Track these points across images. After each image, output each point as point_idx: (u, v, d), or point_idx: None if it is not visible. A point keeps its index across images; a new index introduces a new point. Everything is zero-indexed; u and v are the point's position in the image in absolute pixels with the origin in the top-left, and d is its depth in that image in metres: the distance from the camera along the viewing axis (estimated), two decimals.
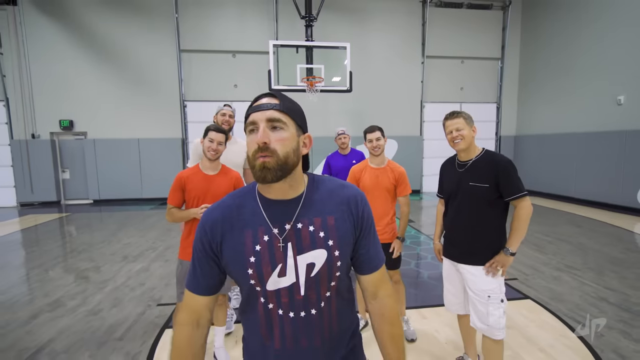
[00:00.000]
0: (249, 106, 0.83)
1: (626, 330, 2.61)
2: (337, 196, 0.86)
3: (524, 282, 3.55)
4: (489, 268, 1.82)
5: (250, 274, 0.80)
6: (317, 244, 0.82)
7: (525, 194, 1.82)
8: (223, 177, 2.11)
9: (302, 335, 0.83)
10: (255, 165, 0.78)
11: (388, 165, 2.46)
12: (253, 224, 0.82)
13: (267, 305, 0.82)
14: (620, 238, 5.19)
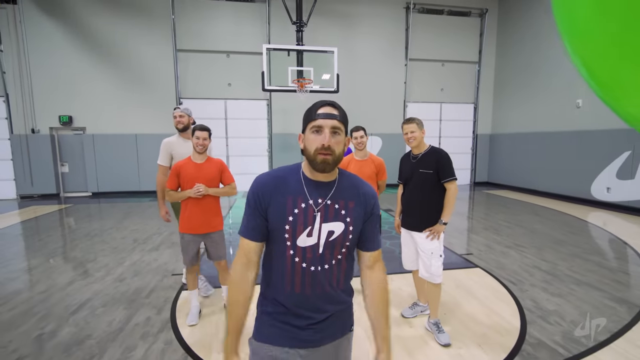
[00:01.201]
0: (312, 110, 1.05)
1: (545, 287, 3.36)
2: (358, 188, 1.12)
3: (477, 256, 4.29)
4: (429, 234, 2.50)
5: (287, 229, 1.03)
6: (338, 218, 1.06)
7: (454, 178, 2.49)
8: (209, 164, 2.71)
9: (317, 283, 1.06)
10: (317, 159, 1.01)
11: (370, 158, 3.12)
12: (295, 193, 1.05)
13: (294, 258, 1.05)
14: (569, 224, 6.01)
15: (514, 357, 2.29)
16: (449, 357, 2.29)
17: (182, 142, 3.10)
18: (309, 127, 1.04)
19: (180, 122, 3.07)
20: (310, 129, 1.03)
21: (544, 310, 2.92)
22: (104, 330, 2.62)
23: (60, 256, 4.39)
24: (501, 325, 2.68)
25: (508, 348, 2.38)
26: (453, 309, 2.93)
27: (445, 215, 2.49)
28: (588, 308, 2.94)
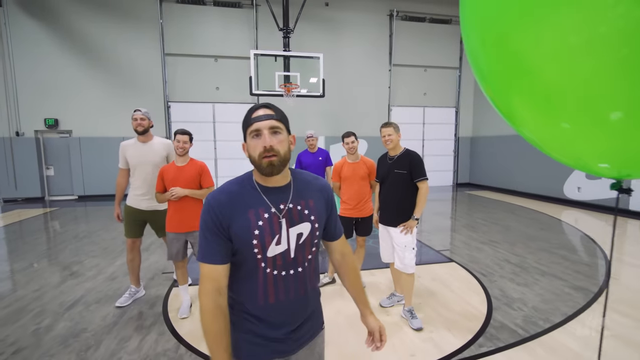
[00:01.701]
0: (248, 116, 1.02)
1: (513, 278, 3.64)
2: (313, 185, 1.13)
3: (454, 251, 4.57)
4: (403, 228, 2.73)
5: (255, 244, 0.99)
6: (303, 219, 1.05)
7: (425, 178, 2.74)
8: (191, 166, 2.86)
9: (291, 288, 1.05)
10: (263, 163, 0.98)
11: (361, 160, 3.34)
12: (255, 204, 1.01)
13: (266, 269, 1.02)
14: (541, 221, 6.39)
15: (479, 338, 2.54)
16: (420, 340, 2.53)
17: (138, 145, 3.03)
18: (248, 133, 1.00)
19: (140, 124, 2.98)
20: (250, 135, 1.00)
21: (509, 298, 3.19)
22: (99, 324, 2.76)
23: (50, 257, 4.46)
24: (470, 311, 2.94)
25: (474, 331, 2.63)
26: (427, 299, 3.18)
27: (417, 211, 2.74)
28: (549, 295, 3.23)
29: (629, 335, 2.58)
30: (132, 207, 3.07)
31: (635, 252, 4.59)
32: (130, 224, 3.09)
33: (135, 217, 3.08)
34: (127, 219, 3.09)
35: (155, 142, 3.08)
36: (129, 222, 3.09)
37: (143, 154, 2.99)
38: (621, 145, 0.74)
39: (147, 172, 3.01)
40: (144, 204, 3.05)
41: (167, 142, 3.14)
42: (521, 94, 0.81)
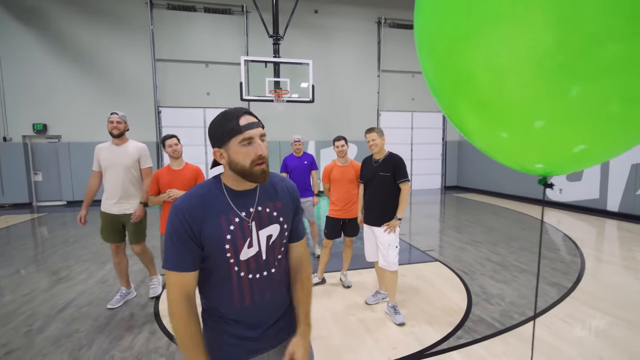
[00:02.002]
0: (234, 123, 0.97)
1: (493, 275, 3.81)
2: (280, 187, 1.13)
3: (438, 252, 4.73)
4: (386, 228, 2.87)
5: (227, 249, 0.99)
6: (272, 221, 1.07)
7: (407, 180, 2.88)
8: (187, 170, 3.02)
9: (266, 289, 1.06)
10: (256, 171, 0.98)
11: (350, 163, 3.48)
12: (225, 210, 1.01)
13: (239, 273, 1.02)
14: (523, 222, 6.61)
15: (457, 331, 2.68)
16: (402, 334, 2.65)
17: (113, 148, 3.01)
18: (238, 141, 0.97)
19: (116, 127, 2.96)
20: (240, 142, 0.97)
21: (488, 294, 3.35)
22: (91, 325, 2.81)
23: (39, 262, 4.48)
24: (450, 307, 3.08)
25: (453, 324, 2.77)
26: (411, 296, 3.31)
27: (399, 211, 2.88)
28: (525, 291, 3.40)
29: (598, 325, 2.75)
30: (104, 212, 3.08)
31: (610, 250, 4.81)
32: (107, 230, 3.10)
33: (110, 221, 3.07)
34: (103, 224, 3.11)
35: (129, 145, 3.07)
36: (105, 227, 3.10)
37: (115, 156, 2.98)
38: (547, 149, 0.88)
39: (117, 175, 2.99)
40: (115, 209, 3.04)
41: (140, 146, 3.13)
42: (465, 106, 0.95)
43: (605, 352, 2.38)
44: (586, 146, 0.85)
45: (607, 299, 3.21)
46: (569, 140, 0.84)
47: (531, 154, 0.94)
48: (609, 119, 0.76)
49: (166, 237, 0.99)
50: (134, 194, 3.09)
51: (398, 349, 2.44)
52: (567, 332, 2.65)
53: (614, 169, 6.97)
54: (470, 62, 0.84)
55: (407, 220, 7.07)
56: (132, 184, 3.07)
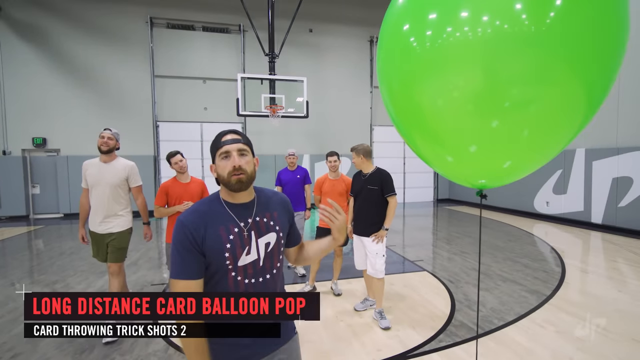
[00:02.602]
0: (217, 140, 1.13)
1: (477, 284, 3.99)
2: (275, 199, 1.25)
3: (427, 262, 4.91)
4: (374, 238, 3.07)
5: (227, 257, 1.08)
6: (270, 230, 1.17)
7: (394, 193, 3.10)
8: (193, 184, 3.25)
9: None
10: (232, 180, 1.10)
11: (341, 177, 3.70)
12: (224, 221, 1.11)
13: (236, 277, 1.10)
14: (510, 233, 6.84)
15: (439, 335, 2.85)
16: (387, 337, 2.82)
17: (100, 166, 2.90)
18: (218, 155, 1.12)
19: (106, 143, 2.87)
20: (219, 156, 1.12)
21: (471, 301, 3.53)
22: None
23: (38, 272, 4.59)
24: (434, 313, 3.26)
25: (436, 329, 2.94)
26: (397, 302, 3.49)
27: (387, 222, 3.08)
28: (506, 298, 3.59)
29: (572, 331, 2.93)
30: (92, 231, 2.92)
31: (592, 261, 5.03)
32: (96, 248, 2.95)
33: (96, 240, 2.93)
34: (92, 242, 2.97)
35: (118, 163, 2.95)
36: (94, 245, 2.96)
37: (102, 174, 2.86)
38: (483, 167, 1.10)
39: (103, 193, 2.85)
40: (100, 228, 2.89)
41: (129, 164, 3.00)
42: (418, 136, 1.17)
43: (576, 354, 2.56)
44: (511, 162, 1.07)
45: (584, 307, 3.41)
46: (498, 159, 1.06)
47: (473, 172, 1.16)
48: (522, 142, 0.99)
49: (172, 249, 1.08)
50: (119, 214, 2.93)
51: (382, 351, 2.60)
52: (542, 336, 2.83)
53: (597, 182, 7.26)
54: (418, 102, 1.07)
55: (400, 232, 7.26)
56: (118, 203, 2.92)
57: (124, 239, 2.98)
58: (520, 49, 0.89)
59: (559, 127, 0.99)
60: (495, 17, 0.88)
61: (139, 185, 3.06)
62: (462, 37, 0.92)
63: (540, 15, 0.86)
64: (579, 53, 0.89)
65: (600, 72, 0.93)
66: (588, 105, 0.96)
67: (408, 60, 1.04)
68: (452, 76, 0.97)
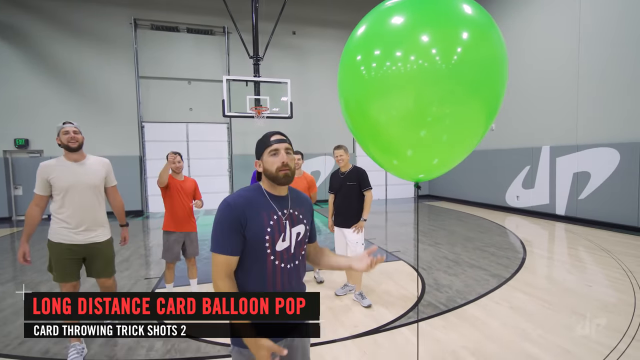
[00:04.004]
0: (267, 139, 1.29)
1: (446, 270, 4.42)
2: (302, 197, 1.41)
3: (403, 252, 5.32)
4: (354, 228, 3.42)
5: (267, 239, 1.21)
6: (300, 222, 1.32)
7: (370, 188, 3.46)
8: (188, 181, 3.57)
9: (293, 277, 1.29)
10: (280, 175, 1.24)
11: (303, 175, 4.02)
12: (267, 208, 1.25)
13: (274, 261, 1.23)
14: (481, 225, 7.35)
15: (409, 313, 3.23)
16: (363, 316, 3.18)
17: (70, 165, 2.50)
18: (267, 152, 1.26)
19: (74, 139, 2.50)
20: (269, 153, 1.26)
21: (440, 284, 3.93)
22: None
23: (31, 270, 4.74)
24: (406, 296, 3.64)
25: (406, 308, 3.32)
26: (373, 288, 3.85)
27: (365, 214, 3.44)
28: (470, 281, 4.01)
29: (524, 306, 3.36)
30: (63, 243, 2.44)
31: (551, 248, 5.55)
32: (63, 266, 2.46)
33: (69, 255, 2.47)
34: (57, 259, 2.47)
35: (91, 161, 2.59)
36: (60, 263, 2.46)
37: (78, 175, 2.46)
38: (419, 164, 1.46)
39: (83, 197, 2.47)
40: (80, 237, 2.47)
41: (105, 161, 2.69)
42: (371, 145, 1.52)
43: (525, 325, 2.98)
44: (438, 159, 1.43)
45: (536, 286, 3.86)
46: (428, 158, 1.42)
47: (413, 169, 1.51)
48: (443, 145, 1.35)
49: (215, 226, 1.20)
50: (103, 219, 2.62)
51: (358, 327, 2.96)
52: (497, 311, 3.25)
53: (560, 177, 7.86)
54: (369, 117, 1.41)
55: (382, 227, 7.67)
56: (101, 206, 2.60)
57: (112, 248, 2.71)
58: (436, 80, 1.24)
59: (468, 133, 1.36)
60: (419, 57, 1.23)
61: (115, 185, 2.77)
62: (396, 70, 1.26)
63: (448, 56, 1.22)
64: (476, 81, 1.25)
65: (491, 94, 1.30)
66: (486, 118, 1.33)
67: (360, 84, 1.38)
68: (391, 98, 1.32)
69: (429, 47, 1.22)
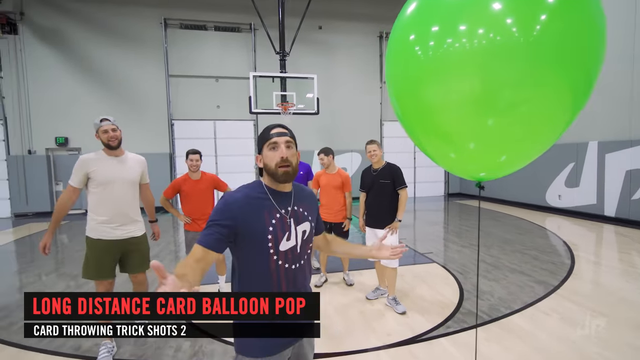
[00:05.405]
0: (266, 132, 1.20)
1: (485, 275, 4.10)
2: (305, 192, 1.34)
3: (436, 254, 5.03)
4: (388, 229, 3.21)
5: (269, 239, 1.14)
6: (305, 219, 1.25)
7: (405, 186, 3.23)
8: (204, 179, 3.47)
9: (298, 278, 1.22)
10: (279, 172, 1.16)
11: (338, 172, 3.85)
12: (268, 207, 1.16)
13: (278, 261, 1.15)
14: (520, 227, 6.87)
15: (448, 322, 2.99)
16: (397, 324, 2.97)
17: (110, 160, 2.54)
18: (267, 146, 1.18)
19: (114, 137, 2.52)
20: (268, 147, 1.18)
21: (479, 291, 3.65)
22: None
23: (64, 265, 4.89)
24: (442, 302, 3.39)
25: (444, 316, 3.08)
26: (407, 292, 3.63)
27: (399, 214, 3.23)
28: (513, 288, 3.69)
29: (576, 318, 3.03)
30: (101, 239, 2.46)
31: (602, 253, 5.07)
32: (99, 263, 2.48)
33: (107, 251, 2.49)
34: (95, 256, 2.48)
35: (129, 157, 2.64)
36: (97, 260, 2.48)
37: (118, 170, 2.51)
38: (482, 161, 1.24)
39: (122, 192, 2.51)
40: (119, 232, 2.50)
41: (141, 159, 2.73)
42: (422, 134, 1.31)
43: (579, 339, 2.67)
44: (506, 156, 1.21)
45: (589, 296, 3.49)
46: (494, 154, 1.20)
47: (473, 166, 1.30)
48: (515, 138, 1.12)
49: (208, 222, 1.13)
50: (138, 214, 2.67)
51: (392, 335, 2.76)
52: (546, 323, 2.94)
53: (610, 175, 7.21)
54: (423, 105, 1.21)
55: (411, 226, 7.37)
56: (137, 202, 2.66)
57: (147, 242, 2.76)
58: (512, 57, 1.02)
59: (548, 124, 1.12)
60: (489, 30, 1.02)
61: (148, 182, 2.83)
62: (460, 47, 1.06)
63: (528, 28, 0.99)
64: (563, 58, 1.01)
65: (582, 74, 1.05)
66: (573, 105, 1.08)
67: (413, 66, 1.18)
68: (452, 81, 1.11)
69: (503, 16, 1.00)
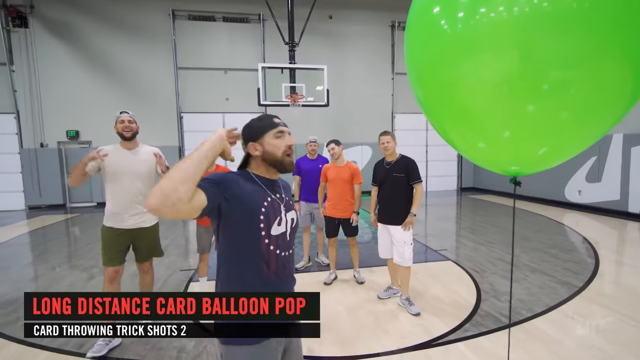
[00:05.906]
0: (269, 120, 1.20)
1: (504, 274, 3.90)
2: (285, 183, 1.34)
3: (451, 251, 4.84)
4: (403, 225, 3.04)
5: (261, 219, 1.12)
6: (292, 207, 1.27)
7: (421, 180, 3.05)
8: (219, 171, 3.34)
9: (287, 265, 1.22)
10: (286, 160, 1.18)
11: (347, 165, 3.69)
12: (259, 192, 1.16)
13: (269, 246, 1.14)
14: (538, 223, 6.60)
15: (465, 324, 2.82)
16: (411, 326, 2.82)
17: (123, 152, 2.59)
18: (272, 134, 1.17)
19: (129, 128, 2.60)
20: (274, 135, 1.17)
21: (497, 291, 3.46)
22: None
23: (76, 257, 4.89)
24: (459, 302, 3.22)
25: (461, 318, 2.92)
26: (421, 292, 3.47)
27: (414, 208, 3.05)
28: (534, 289, 3.49)
29: (604, 322, 2.83)
30: (113, 227, 2.55)
31: (628, 252, 4.79)
32: (111, 250, 2.55)
33: (117, 239, 2.56)
34: (108, 243, 2.56)
35: (143, 149, 2.67)
36: (110, 246, 2.55)
37: (129, 162, 2.55)
38: (517, 153, 1.06)
39: (132, 183, 2.53)
40: (129, 222, 2.56)
41: (152, 150, 2.76)
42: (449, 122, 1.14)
43: (608, 346, 2.47)
44: (547, 148, 1.03)
45: (617, 299, 3.27)
46: (533, 145, 1.02)
47: (506, 158, 1.12)
48: (559, 128, 0.94)
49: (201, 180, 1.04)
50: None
51: (407, 339, 2.61)
52: (571, 328, 2.75)
53: (636, 170, 6.84)
54: (449, 86, 1.04)
55: (422, 221, 7.17)
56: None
57: (158, 232, 2.80)
58: (561, 28, 0.84)
59: (601, 112, 0.93)
60: None
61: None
62: (496, 17, 0.88)
63: None
64: (626, 31, 0.83)
65: None
66: (633, 86, 0.90)
67: (439, 43, 1.01)
68: (485, 58, 0.94)
69: None
